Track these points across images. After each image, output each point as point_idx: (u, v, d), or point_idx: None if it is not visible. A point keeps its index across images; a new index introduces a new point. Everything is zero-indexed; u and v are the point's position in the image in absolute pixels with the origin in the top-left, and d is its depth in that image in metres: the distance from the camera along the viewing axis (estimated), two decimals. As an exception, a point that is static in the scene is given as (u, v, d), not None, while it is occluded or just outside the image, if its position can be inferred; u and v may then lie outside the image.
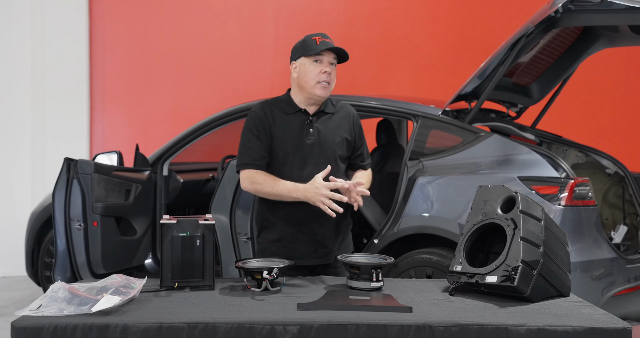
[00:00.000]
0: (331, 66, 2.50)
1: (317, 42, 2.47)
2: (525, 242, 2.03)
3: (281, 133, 2.52)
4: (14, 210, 6.05)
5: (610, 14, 2.97)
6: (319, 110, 2.57)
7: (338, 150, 2.54)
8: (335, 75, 2.53)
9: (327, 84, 2.48)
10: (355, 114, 2.66)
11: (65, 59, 6.32)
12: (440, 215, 3.28)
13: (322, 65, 2.47)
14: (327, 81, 2.47)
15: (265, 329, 1.77)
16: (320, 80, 2.47)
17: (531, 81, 3.93)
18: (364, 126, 2.73)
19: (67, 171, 3.24)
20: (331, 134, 2.54)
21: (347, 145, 2.58)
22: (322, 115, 2.57)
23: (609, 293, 3.15)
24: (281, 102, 2.58)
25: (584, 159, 3.98)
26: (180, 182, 4.29)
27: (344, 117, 2.61)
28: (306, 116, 2.55)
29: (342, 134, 2.57)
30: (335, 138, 2.54)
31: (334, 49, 2.48)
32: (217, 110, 4.09)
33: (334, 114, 2.59)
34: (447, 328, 1.77)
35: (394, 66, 6.49)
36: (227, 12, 6.52)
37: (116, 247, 3.48)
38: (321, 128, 2.54)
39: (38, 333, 1.75)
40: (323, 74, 2.47)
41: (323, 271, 2.56)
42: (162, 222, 2.24)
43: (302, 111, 2.55)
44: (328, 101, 2.61)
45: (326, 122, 2.56)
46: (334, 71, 2.51)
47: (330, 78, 2.48)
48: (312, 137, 2.51)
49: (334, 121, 2.58)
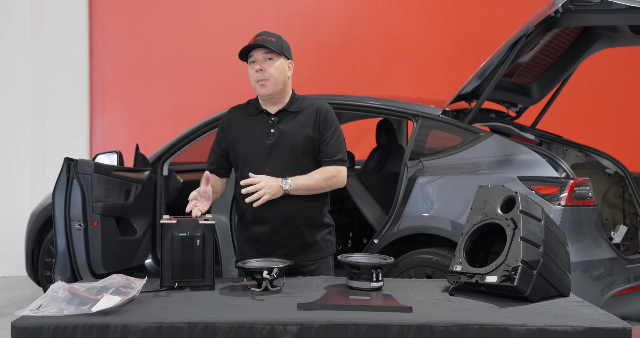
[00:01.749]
0: (266, 62, 2.49)
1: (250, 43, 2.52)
2: (525, 242, 2.03)
3: (243, 136, 2.57)
4: (14, 210, 6.05)
5: (610, 14, 2.97)
6: (282, 109, 2.57)
7: (300, 148, 2.52)
8: (278, 69, 2.50)
9: (264, 80, 2.49)
10: (323, 110, 2.58)
11: (65, 59, 6.32)
12: (440, 215, 3.27)
13: (255, 64, 2.50)
14: (261, 79, 2.49)
15: (265, 329, 1.77)
16: (257, 79, 2.50)
17: (531, 81, 3.93)
18: (364, 126, 2.73)
19: (67, 171, 3.23)
20: (293, 133, 2.54)
21: (312, 142, 2.55)
22: (285, 114, 2.57)
23: (609, 293, 3.15)
24: (250, 105, 2.64)
25: (584, 159, 3.98)
26: (180, 182, 4.28)
27: (310, 114, 2.58)
28: (268, 117, 2.57)
29: (306, 132, 2.54)
30: (298, 136, 2.53)
31: (255, 46, 2.48)
32: (217, 110, 4.09)
33: (299, 113, 2.58)
34: (447, 328, 1.77)
35: (394, 66, 6.49)
36: (227, 13, 6.52)
37: (116, 247, 3.47)
38: (283, 127, 2.55)
39: (38, 333, 1.75)
40: (257, 73, 2.50)
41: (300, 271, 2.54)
42: (162, 222, 2.25)
43: (264, 112, 2.58)
44: (296, 99, 2.61)
45: (289, 122, 2.56)
46: (271, 66, 2.49)
47: (265, 75, 2.49)
48: (273, 137, 2.53)
49: (299, 119, 2.56)
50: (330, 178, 2.54)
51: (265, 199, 2.39)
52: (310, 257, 2.57)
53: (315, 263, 2.58)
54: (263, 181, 2.40)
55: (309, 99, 2.64)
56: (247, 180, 2.41)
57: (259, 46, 2.49)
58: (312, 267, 2.57)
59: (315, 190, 2.53)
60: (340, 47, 6.53)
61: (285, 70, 2.54)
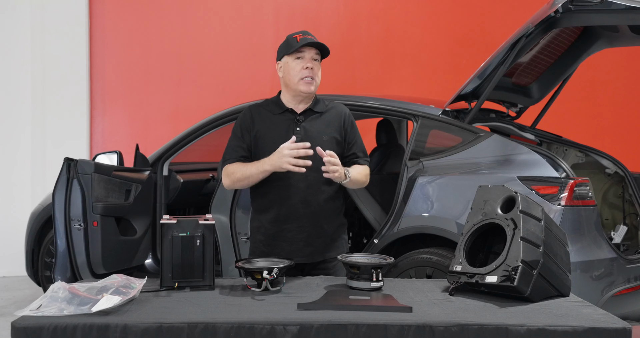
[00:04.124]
0: (314, 62, 2.52)
1: (297, 39, 2.51)
2: (525, 242, 2.03)
3: (267, 133, 2.56)
4: (14, 210, 6.05)
5: (610, 14, 2.96)
6: (307, 109, 2.58)
7: (324, 148, 2.52)
8: (320, 70, 2.55)
9: (310, 79, 2.51)
10: (347, 113, 2.66)
11: (66, 59, 6.32)
12: (440, 215, 3.27)
13: (304, 61, 2.51)
14: (309, 76, 2.50)
15: (265, 329, 1.77)
16: (303, 76, 2.50)
17: (531, 81, 3.93)
18: (364, 126, 2.74)
19: (67, 171, 3.24)
20: (319, 133, 2.55)
21: (337, 144, 2.58)
22: (310, 114, 2.59)
23: (609, 293, 3.15)
24: (270, 103, 2.63)
25: (584, 159, 3.97)
26: (180, 182, 4.29)
27: (335, 116, 2.61)
28: (293, 115, 2.57)
29: (331, 133, 2.57)
30: (323, 136, 2.55)
31: (314, 44, 2.50)
32: (217, 110, 4.09)
33: (324, 113, 2.60)
34: (447, 328, 1.77)
35: (394, 66, 6.49)
36: (227, 13, 6.52)
37: (116, 247, 3.47)
38: (308, 126, 2.56)
39: (38, 333, 1.75)
40: (305, 70, 2.50)
41: (313, 271, 2.57)
42: (162, 222, 2.25)
43: (289, 110, 2.58)
44: (319, 100, 2.63)
45: (314, 121, 2.58)
46: (317, 66, 2.54)
47: (313, 73, 2.51)
48: (299, 135, 2.52)
49: (324, 119, 2.59)
50: (367, 175, 2.63)
51: (334, 176, 2.38)
52: (333, 255, 2.58)
53: (334, 260, 2.58)
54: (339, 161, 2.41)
55: (328, 101, 2.68)
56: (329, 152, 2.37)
57: (315, 44, 2.50)
58: (332, 264, 2.59)
59: (358, 184, 2.59)
60: (340, 47, 6.52)
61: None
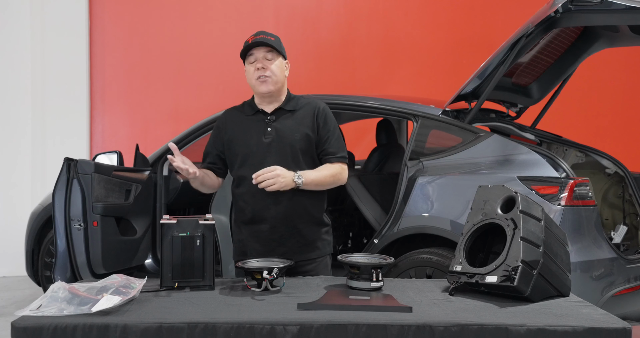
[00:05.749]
0: (265, 61, 2.52)
1: (249, 41, 2.53)
2: (525, 242, 2.03)
3: (240, 136, 2.58)
4: (14, 210, 6.05)
5: (610, 14, 2.97)
6: (278, 108, 2.59)
7: (298, 146, 2.54)
8: (278, 66, 2.54)
9: (264, 77, 2.51)
10: (320, 108, 2.61)
11: (65, 59, 6.32)
12: (440, 215, 3.27)
13: (256, 62, 2.52)
14: (262, 75, 2.51)
15: (265, 329, 1.77)
16: (257, 77, 2.52)
17: (531, 81, 3.93)
18: (364, 126, 2.73)
19: (67, 171, 3.23)
20: (290, 131, 2.55)
21: (310, 141, 2.56)
22: (282, 113, 2.59)
23: (609, 293, 3.15)
24: (246, 105, 2.66)
25: (584, 159, 3.97)
26: (180, 182, 4.29)
27: (308, 112, 2.60)
28: (264, 116, 2.58)
29: (303, 130, 2.56)
30: (295, 134, 2.55)
31: (260, 43, 2.50)
32: (217, 110, 4.08)
33: (296, 111, 2.60)
34: (447, 328, 1.77)
35: (394, 66, 6.49)
36: (227, 13, 6.52)
37: (116, 247, 3.47)
38: (280, 126, 2.56)
39: (38, 333, 1.75)
40: (257, 71, 2.51)
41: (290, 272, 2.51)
42: (162, 222, 2.24)
43: (260, 111, 2.60)
44: (292, 98, 2.63)
45: (286, 120, 2.58)
46: (272, 64, 2.53)
47: (266, 73, 2.51)
48: (270, 136, 2.54)
49: (296, 117, 2.58)
50: (336, 174, 2.57)
51: (274, 188, 2.38)
52: (309, 256, 2.57)
53: (313, 262, 2.58)
54: (278, 170, 2.40)
55: (305, 98, 2.67)
56: (265, 168, 2.39)
57: (260, 43, 2.51)
58: (310, 267, 2.58)
59: (322, 186, 2.55)
60: (340, 47, 6.53)
61: (283, 69, 2.58)
